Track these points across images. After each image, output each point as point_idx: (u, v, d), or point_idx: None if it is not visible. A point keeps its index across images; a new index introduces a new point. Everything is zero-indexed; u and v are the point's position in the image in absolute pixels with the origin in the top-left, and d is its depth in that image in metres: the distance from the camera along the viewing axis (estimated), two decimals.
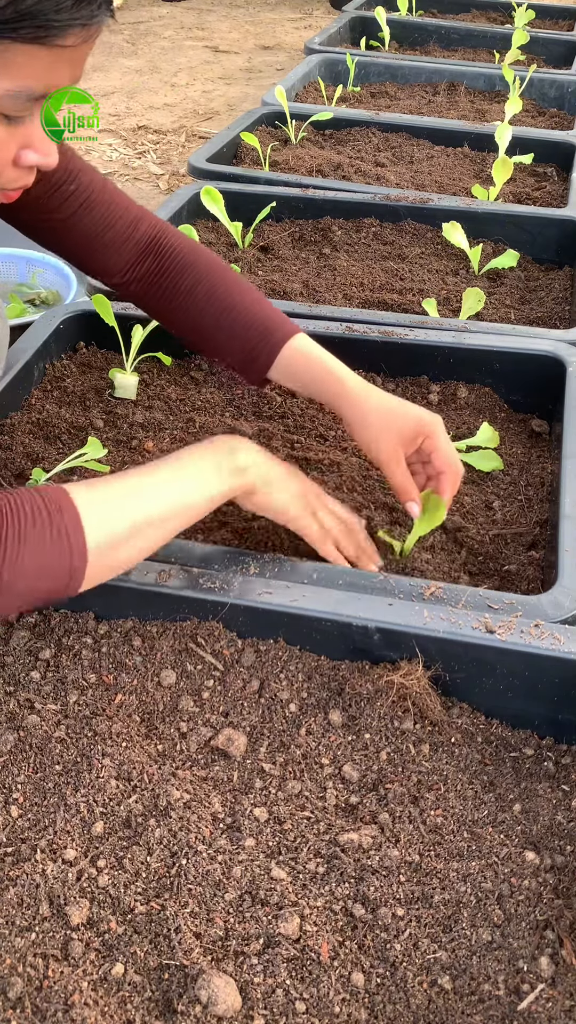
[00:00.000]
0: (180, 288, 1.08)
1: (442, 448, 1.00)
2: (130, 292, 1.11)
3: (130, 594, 0.92)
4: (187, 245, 1.10)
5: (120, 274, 1.09)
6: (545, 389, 1.29)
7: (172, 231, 1.11)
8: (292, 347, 1.05)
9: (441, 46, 3.18)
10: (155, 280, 1.09)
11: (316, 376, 1.05)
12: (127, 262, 1.08)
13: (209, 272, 1.08)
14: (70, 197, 1.02)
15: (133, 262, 1.08)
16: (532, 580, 1.05)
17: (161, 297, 1.09)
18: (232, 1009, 0.66)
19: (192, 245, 1.10)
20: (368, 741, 0.85)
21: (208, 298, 1.07)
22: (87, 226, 1.04)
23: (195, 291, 1.07)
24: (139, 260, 1.09)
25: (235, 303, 1.06)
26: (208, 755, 0.85)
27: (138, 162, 2.96)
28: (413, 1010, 0.68)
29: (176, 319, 1.11)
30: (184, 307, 1.08)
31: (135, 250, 1.08)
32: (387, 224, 1.78)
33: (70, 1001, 0.66)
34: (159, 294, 1.09)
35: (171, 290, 1.08)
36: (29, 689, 0.88)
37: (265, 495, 0.94)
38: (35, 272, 1.94)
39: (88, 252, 1.07)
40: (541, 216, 1.74)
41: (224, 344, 1.08)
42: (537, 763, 0.86)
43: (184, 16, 4.77)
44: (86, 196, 1.03)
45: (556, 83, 2.65)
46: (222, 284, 1.08)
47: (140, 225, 1.08)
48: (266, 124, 2.26)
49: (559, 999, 0.68)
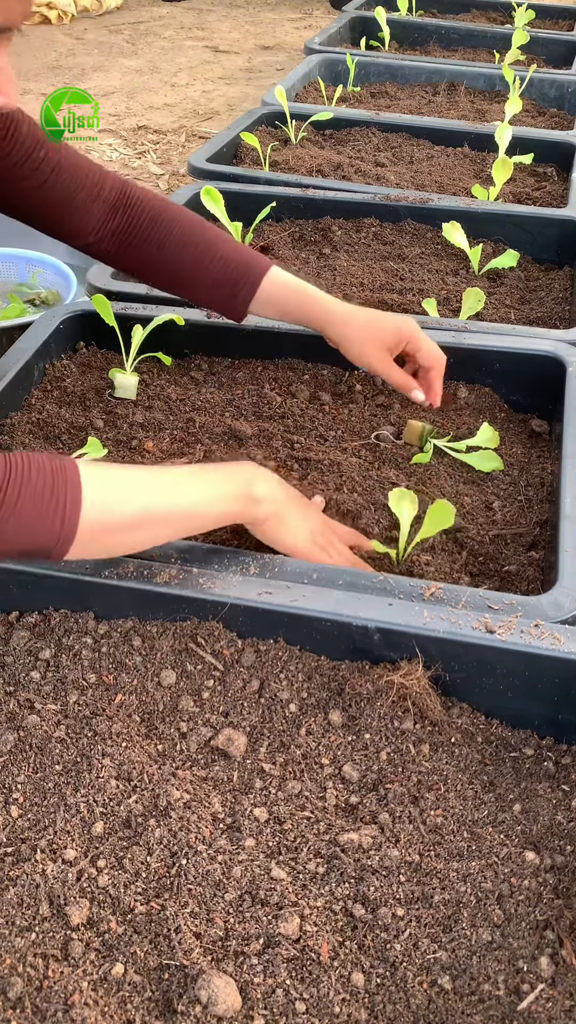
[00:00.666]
0: (153, 238, 1.13)
1: (424, 347, 1.15)
2: (103, 250, 1.16)
3: (130, 594, 0.92)
4: (153, 197, 1.15)
5: (93, 232, 1.13)
6: (545, 389, 1.29)
7: (136, 186, 1.16)
8: (271, 279, 1.14)
9: (441, 46, 3.18)
10: (127, 234, 1.14)
11: (299, 303, 1.15)
12: (97, 220, 1.13)
13: (179, 219, 1.14)
14: (42, 163, 1.06)
15: (103, 220, 1.13)
16: (532, 580, 1.05)
17: (136, 249, 1.14)
18: (232, 1009, 0.66)
19: (158, 196, 1.16)
20: (368, 741, 0.85)
21: (182, 244, 1.13)
22: (60, 190, 1.08)
23: (168, 240, 1.13)
24: (108, 217, 1.13)
25: (209, 246, 1.13)
26: (208, 755, 0.85)
27: (138, 162, 2.96)
28: (413, 1010, 0.68)
29: (152, 269, 1.16)
30: (159, 256, 1.14)
31: (103, 208, 1.12)
32: (387, 224, 1.78)
33: (70, 1001, 0.66)
34: (133, 247, 1.14)
35: (144, 241, 1.14)
36: (29, 689, 0.88)
37: (275, 530, 0.96)
38: (35, 272, 1.94)
39: (61, 216, 1.11)
40: (541, 216, 1.74)
41: (204, 286, 1.15)
42: (537, 763, 0.86)
43: (184, 16, 4.77)
44: (56, 160, 1.07)
45: (556, 83, 2.65)
46: (194, 230, 1.14)
47: (105, 183, 1.12)
48: (266, 124, 2.26)
49: (559, 999, 0.68)
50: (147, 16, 4.78)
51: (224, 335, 1.38)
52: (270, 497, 0.94)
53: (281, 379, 1.36)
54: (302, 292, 1.15)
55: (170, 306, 1.38)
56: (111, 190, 1.13)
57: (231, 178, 1.87)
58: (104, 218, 1.13)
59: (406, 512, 1.02)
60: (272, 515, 0.95)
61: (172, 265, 1.14)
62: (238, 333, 1.37)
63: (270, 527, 0.95)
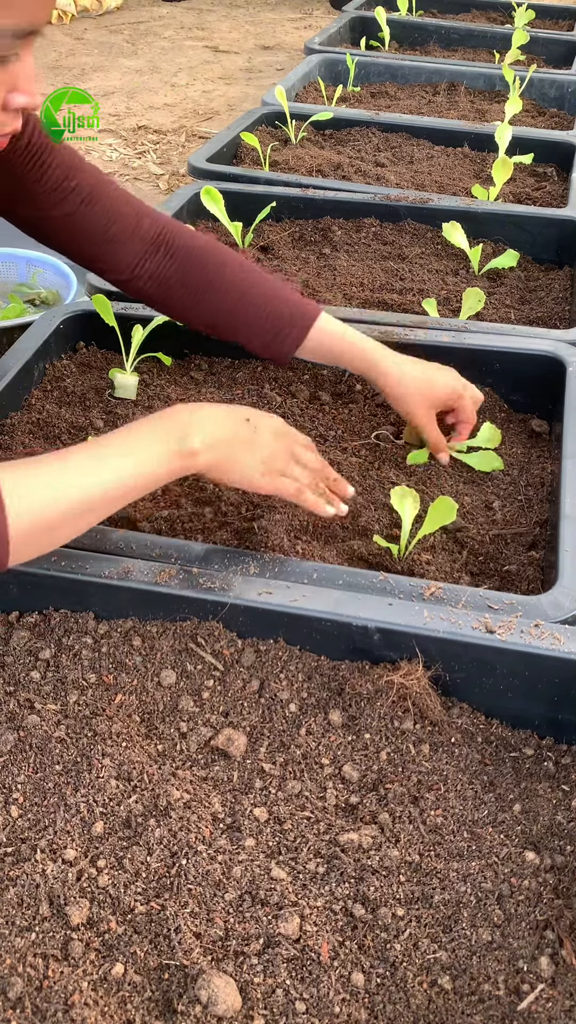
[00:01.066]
0: (199, 286, 1.11)
1: (469, 408, 1.19)
2: (140, 288, 1.12)
3: (130, 594, 0.92)
4: (195, 240, 1.12)
5: (129, 270, 1.10)
6: (545, 389, 1.29)
7: (178, 225, 1.13)
8: (319, 329, 1.13)
9: (441, 46, 3.18)
10: (170, 278, 1.10)
11: (348, 354, 1.15)
12: (135, 257, 1.09)
13: (225, 266, 1.11)
14: (71, 193, 1.03)
15: (141, 257, 1.10)
16: (532, 580, 1.05)
17: (178, 294, 1.12)
18: (232, 1009, 0.66)
19: (200, 239, 1.12)
20: (368, 741, 0.85)
21: (229, 288, 1.10)
22: (90, 222, 1.05)
23: (214, 283, 1.10)
24: (148, 255, 1.10)
25: (256, 291, 1.11)
26: (208, 755, 0.85)
27: (138, 162, 2.96)
28: (413, 1010, 0.68)
29: (195, 312, 1.14)
30: (204, 303, 1.12)
31: (142, 245, 1.09)
32: (387, 224, 1.78)
33: (70, 1001, 0.66)
34: (175, 291, 1.11)
35: (189, 288, 1.11)
36: (29, 689, 0.88)
37: (222, 476, 0.94)
38: (35, 272, 1.94)
39: (93, 249, 1.08)
40: (541, 216, 1.74)
41: (248, 330, 1.13)
42: (537, 763, 0.86)
43: (184, 16, 4.77)
44: (88, 192, 1.04)
45: (556, 83, 2.65)
46: (241, 274, 1.11)
47: (144, 220, 1.09)
48: (266, 124, 2.26)
49: (559, 999, 0.68)
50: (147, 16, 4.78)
51: None
52: (207, 444, 0.90)
53: (281, 379, 1.36)
54: (351, 343, 1.14)
55: None
56: (150, 228, 1.10)
57: (231, 178, 1.87)
58: (142, 255, 1.10)
59: (408, 509, 1.03)
60: (214, 462, 0.91)
61: (212, 312, 1.12)
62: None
63: (215, 474, 0.93)
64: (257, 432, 0.96)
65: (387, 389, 1.15)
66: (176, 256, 1.10)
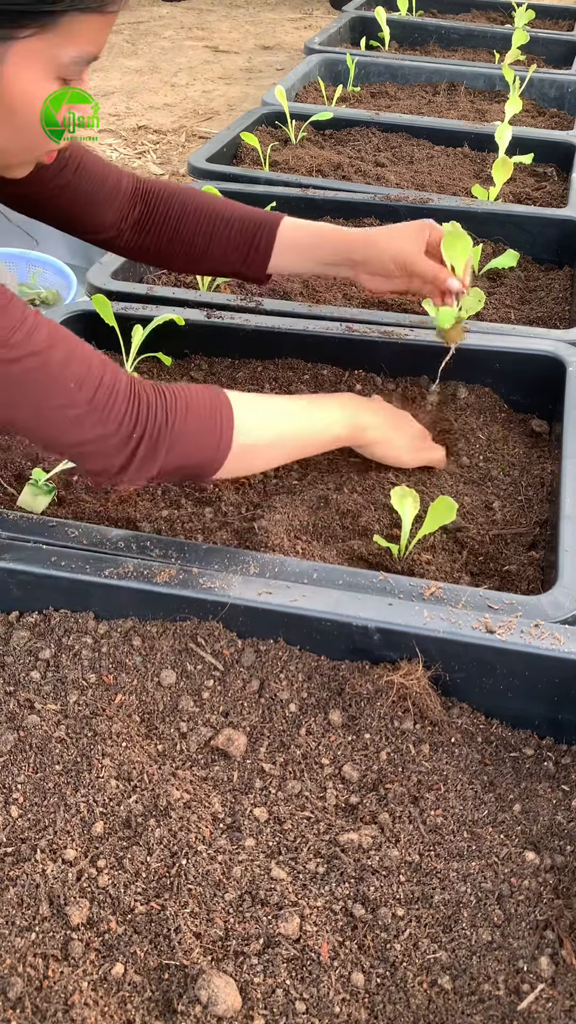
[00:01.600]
0: (170, 217, 1.20)
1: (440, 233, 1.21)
2: (124, 242, 1.22)
3: (130, 594, 0.92)
4: (165, 184, 1.22)
5: (114, 227, 1.19)
6: (545, 389, 1.29)
7: (150, 179, 1.23)
8: (287, 226, 1.21)
9: (441, 46, 3.18)
10: (146, 221, 1.20)
11: (319, 238, 1.21)
12: (118, 214, 1.19)
13: (192, 197, 1.21)
14: (66, 164, 1.11)
15: (123, 213, 1.19)
16: (532, 580, 1.05)
17: (155, 234, 1.20)
18: (232, 1009, 0.66)
19: (170, 183, 1.23)
20: (368, 741, 0.85)
21: (198, 215, 1.19)
22: (84, 187, 1.14)
23: (184, 218, 1.19)
24: (128, 210, 1.19)
25: (221, 213, 1.20)
26: (208, 755, 0.85)
27: (138, 162, 2.96)
28: (413, 1010, 0.68)
29: (173, 247, 1.22)
30: (179, 233, 1.20)
31: (122, 202, 1.18)
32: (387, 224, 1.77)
33: (70, 1001, 0.66)
34: (152, 232, 1.20)
35: (163, 222, 1.20)
36: (29, 689, 0.88)
37: (384, 452, 1.14)
38: (35, 272, 1.94)
39: (84, 212, 1.17)
40: (541, 216, 1.74)
41: (223, 249, 1.21)
42: (537, 763, 0.86)
43: (184, 16, 4.77)
44: (79, 159, 1.13)
45: (556, 83, 2.65)
46: (206, 204, 1.21)
47: (123, 179, 1.19)
48: (266, 124, 2.26)
49: (559, 999, 0.68)
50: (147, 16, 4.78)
51: (224, 335, 1.38)
52: (375, 423, 1.10)
53: (281, 379, 1.36)
54: (320, 228, 1.22)
55: (170, 306, 1.38)
56: (127, 185, 1.18)
57: (231, 178, 1.87)
58: (124, 211, 1.18)
59: (408, 509, 1.03)
60: (379, 439, 1.12)
61: (190, 239, 1.20)
62: (238, 333, 1.37)
63: (379, 449, 1.13)
64: (400, 419, 1.16)
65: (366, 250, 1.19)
66: (149, 203, 1.20)
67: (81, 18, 0.77)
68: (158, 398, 0.90)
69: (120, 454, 0.89)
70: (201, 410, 0.92)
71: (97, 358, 0.89)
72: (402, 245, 1.19)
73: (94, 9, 0.77)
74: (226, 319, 1.36)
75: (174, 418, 0.90)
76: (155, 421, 0.89)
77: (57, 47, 0.78)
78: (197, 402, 0.92)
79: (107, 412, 0.87)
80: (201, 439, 0.92)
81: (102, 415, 0.87)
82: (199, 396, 0.93)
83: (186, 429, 0.91)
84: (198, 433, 0.92)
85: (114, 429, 0.87)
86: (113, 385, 0.88)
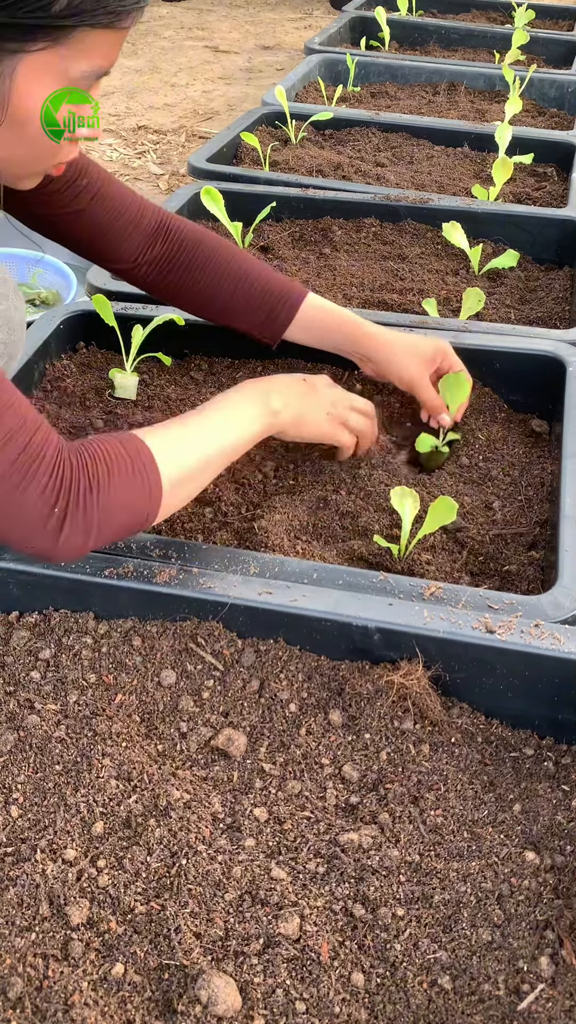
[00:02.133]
0: (193, 266, 1.18)
1: (458, 366, 1.22)
2: (140, 276, 1.20)
3: (130, 594, 0.92)
4: (191, 227, 1.20)
5: (131, 260, 1.18)
6: (545, 389, 1.29)
7: (175, 217, 1.21)
8: (309, 304, 1.19)
9: (441, 46, 3.18)
10: (167, 262, 1.18)
11: (336, 326, 1.20)
12: (137, 247, 1.17)
13: (218, 248, 1.19)
14: (83, 191, 1.10)
15: (143, 247, 1.17)
16: (532, 580, 1.05)
17: (174, 277, 1.19)
18: (232, 1009, 0.66)
19: (195, 227, 1.21)
20: (368, 741, 0.85)
21: (221, 272, 1.18)
22: (99, 216, 1.13)
23: (207, 267, 1.17)
24: (148, 245, 1.17)
25: (247, 273, 1.18)
26: (208, 755, 0.85)
27: (138, 162, 2.96)
28: (413, 1010, 0.68)
29: (190, 296, 1.21)
30: (199, 283, 1.19)
31: (143, 236, 1.17)
32: (387, 224, 1.77)
33: (70, 1001, 0.66)
34: (172, 274, 1.19)
35: (184, 269, 1.18)
36: (29, 689, 0.88)
37: (298, 431, 1.09)
38: (35, 272, 1.94)
39: (100, 241, 1.16)
40: (541, 216, 1.74)
41: (241, 312, 1.20)
42: (537, 763, 0.86)
43: (184, 16, 4.77)
44: (97, 188, 1.11)
45: (556, 83, 2.65)
46: (232, 258, 1.19)
47: (145, 213, 1.17)
48: (266, 124, 2.26)
49: (559, 999, 0.68)
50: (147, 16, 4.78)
51: (224, 335, 1.38)
52: (285, 404, 1.06)
53: None
54: (341, 315, 1.20)
55: (170, 306, 1.38)
56: (151, 220, 1.17)
57: (231, 178, 1.87)
58: (143, 246, 1.17)
59: (408, 510, 1.03)
60: (292, 419, 1.07)
61: (210, 292, 1.19)
62: (238, 333, 1.37)
63: (294, 430, 1.09)
64: (316, 387, 1.12)
65: (376, 354, 1.20)
66: (173, 243, 1.18)
67: (93, 33, 0.77)
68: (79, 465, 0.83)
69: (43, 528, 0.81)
70: (122, 466, 0.85)
71: (33, 418, 0.81)
72: (411, 371, 1.19)
73: (106, 25, 0.77)
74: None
75: (98, 486, 0.83)
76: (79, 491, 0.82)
77: (68, 61, 0.78)
78: (116, 459, 0.85)
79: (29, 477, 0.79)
80: (131, 498, 0.86)
81: (23, 479, 0.79)
82: (115, 451, 0.86)
83: (112, 493, 0.84)
84: (127, 492, 0.85)
85: (34, 498, 0.79)
86: (41, 449, 0.80)
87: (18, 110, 0.79)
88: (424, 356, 1.20)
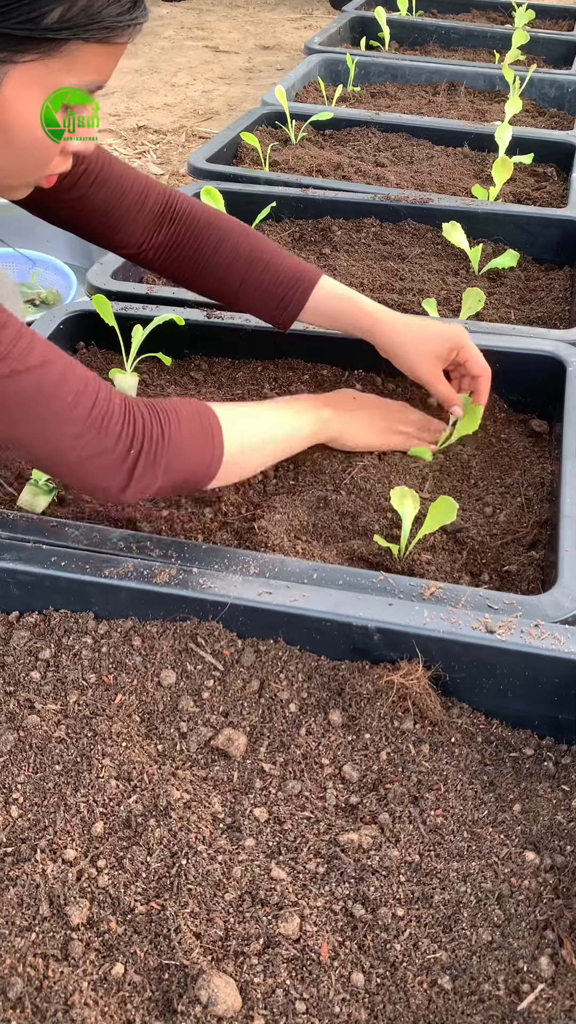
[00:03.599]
0: (204, 249, 1.17)
1: (473, 355, 1.19)
2: (149, 259, 1.19)
3: (130, 594, 0.92)
4: (201, 208, 1.18)
5: (137, 244, 1.17)
6: (545, 389, 1.29)
7: (183, 196, 1.18)
8: (321, 289, 1.18)
9: (441, 46, 3.18)
10: (176, 245, 1.17)
11: (350, 313, 1.19)
12: (144, 230, 1.16)
13: (230, 232, 1.17)
14: (82, 176, 1.09)
15: (150, 230, 1.16)
16: (532, 580, 1.05)
17: (185, 260, 1.18)
18: (232, 1009, 0.66)
19: (205, 207, 1.19)
20: (368, 741, 0.85)
21: (233, 255, 1.17)
22: (101, 200, 1.11)
23: (219, 250, 1.16)
24: (156, 227, 1.16)
25: (258, 258, 1.17)
26: (208, 755, 0.85)
27: (138, 162, 2.96)
28: (413, 1010, 0.68)
29: (202, 279, 1.20)
30: (210, 267, 1.17)
31: (149, 217, 1.15)
32: (387, 224, 1.77)
33: (70, 1001, 0.66)
34: (182, 257, 1.17)
35: (195, 252, 1.17)
36: (29, 689, 0.88)
37: (347, 440, 1.17)
38: (35, 272, 1.94)
39: (103, 226, 1.14)
40: (541, 216, 1.74)
41: (253, 296, 1.19)
42: (537, 763, 0.86)
43: (184, 16, 4.77)
44: (97, 173, 1.10)
45: (556, 83, 2.65)
46: (244, 240, 1.17)
47: (151, 193, 1.15)
48: (266, 124, 2.26)
49: (559, 999, 0.68)
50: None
51: (224, 335, 1.38)
52: (336, 416, 1.14)
53: (281, 379, 1.36)
54: (353, 302, 1.19)
55: (170, 306, 1.38)
56: (156, 201, 1.15)
57: (231, 178, 1.87)
58: (149, 230, 1.16)
59: (408, 510, 1.03)
60: (339, 429, 1.15)
61: (221, 276, 1.18)
62: (238, 333, 1.37)
63: (342, 439, 1.16)
64: (365, 404, 1.20)
65: (385, 340, 1.18)
66: (180, 226, 1.16)
67: (86, 47, 0.76)
68: (151, 414, 0.91)
69: (119, 471, 0.89)
70: (192, 422, 0.94)
71: (92, 376, 0.88)
72: (422, 370, 1.18)
73: (100, 40, 0.77)
74: (226, 319, 1.36)
75: (169, 432, 0.91)
76: (151, 437, 0.90)
77: (58, 74, 0.77)
78: (187, 415, 0.94)
79: (104, 429, 0.87)
80: (196, 450, 0.94)
81: (99, 432, 0.87)
82: (187, 408, 0.95)
83: (181, 442, 0.92)
84: (193, 444, 0.94)
85: (111, 445, 0.87)
86: (108, 402, 0.88)
87: (6, 120, 0.79)
88: (436, 354, 1.18)
